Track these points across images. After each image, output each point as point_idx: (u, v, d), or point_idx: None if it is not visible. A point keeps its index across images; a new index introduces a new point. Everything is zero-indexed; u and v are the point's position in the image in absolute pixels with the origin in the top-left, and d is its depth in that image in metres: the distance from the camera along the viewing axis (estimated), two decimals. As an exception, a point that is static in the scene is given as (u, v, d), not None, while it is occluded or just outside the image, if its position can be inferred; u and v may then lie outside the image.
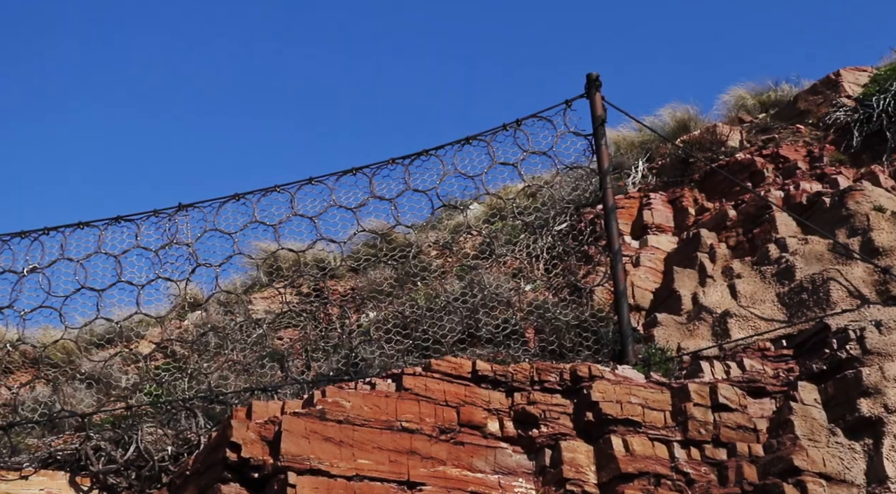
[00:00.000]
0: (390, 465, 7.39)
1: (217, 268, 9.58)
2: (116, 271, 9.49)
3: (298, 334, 10.62)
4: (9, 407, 9.41)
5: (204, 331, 9.91)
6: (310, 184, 9.60)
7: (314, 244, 9.69)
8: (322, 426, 7.45)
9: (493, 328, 9.11)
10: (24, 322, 9.41)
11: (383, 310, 9.93)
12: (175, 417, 9.14)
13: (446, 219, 12.46)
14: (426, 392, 7.82)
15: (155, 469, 8.68)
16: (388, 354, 9.20)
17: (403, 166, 9.51)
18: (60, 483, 8.63)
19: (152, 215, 9.64)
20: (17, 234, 9.56)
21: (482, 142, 9.44)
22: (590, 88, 9.21)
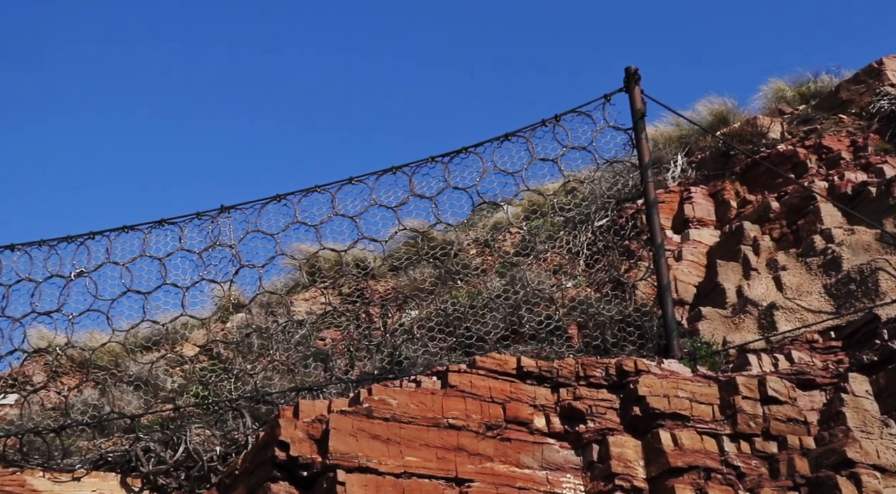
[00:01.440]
0: (438, 462, 7.40)
1: (260, 270, 9.65)
2: (161, 274, 9.59)
3: (340, 334, 10.66)
4: (59, 411, 9.53)
5: (248, 332, 9.97)
6: (350, 183, 9.63)
7: (355, 243, 9.71)
8: (369, 424, 7.47)
9: (536, 324, 9.09)
10: (72, 326, 9.52)
11: (425, 309, 9.93)
12: (222, 418, 9.21)
13: (485, 218, 12.47)
14: (472, 388, 7.83)
15: (204, 469, 8.74)
16: (431, 352, 9.21)
17: (443, 164, 9.52)
18: (112, 484, 8.72)
19: (195, 217, 9.72)
20: (63, 239, 9.67)
21: (521, 138, 9.42)
22: (629, 82, 9.16)
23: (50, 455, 8.87)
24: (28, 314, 9.51)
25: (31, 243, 9.64)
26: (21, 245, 9.63)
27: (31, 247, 9.65)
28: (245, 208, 9.69)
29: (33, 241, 9.65)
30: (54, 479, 8.65)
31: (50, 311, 9.49)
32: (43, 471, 8.70)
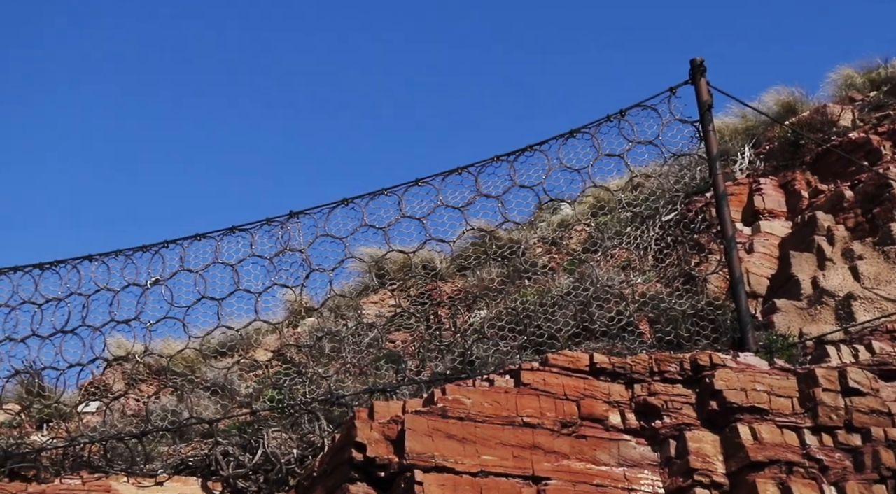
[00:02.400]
0: (514, 460, 7.41)
1: (330, 273, 9.75)
2: (234, 280, 9.73)
3: (410, 336, 10.72)
4: (139, 417, 9.74)
5: (320, 336, 10.08)
6: (417, 185, 9.69)
7: (423, 245, 9.77)
8: (444, 423, 7.51)
9: (607, 321, 9.05)
10: (149, 333, 9.72)
11: (494, 308, 9.95)
12: (297, 421, 9.33)
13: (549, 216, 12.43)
14: (545, 386, 7.82)
15: (282, 472, 8.86)
16: (502, 351, 9.22)
17: (508, 163, 9.52)
18: (193, 487, 8.88)
19: (265, 223, 9.86)
20: (138, 249, 9.88)
21: (586, 134, 9.38)
22: (694, 74, 9.07)
23: (133, 460, 9.06)
24: (107, 323, 9.73)
25: (108, 253, 9.87)
26: (99, 255, 9.86)
27: (108, 257, 9.87)
28: (314, 213, 9.80)
29: (110, 252, 9.88)
30: (138, 484, 8.83)
31: (128, 319, 9.70)
32: (127, 476, 8.90)
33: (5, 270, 9.87)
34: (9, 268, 9.89)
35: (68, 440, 9.30)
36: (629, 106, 9.21)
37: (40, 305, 9.80)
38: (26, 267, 9.90)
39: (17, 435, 9.48)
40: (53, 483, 8.80)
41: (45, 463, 9.08)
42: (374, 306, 12.20)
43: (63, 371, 9.65)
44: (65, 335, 9.70)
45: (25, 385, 10.21)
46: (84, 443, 9.23)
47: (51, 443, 9.33)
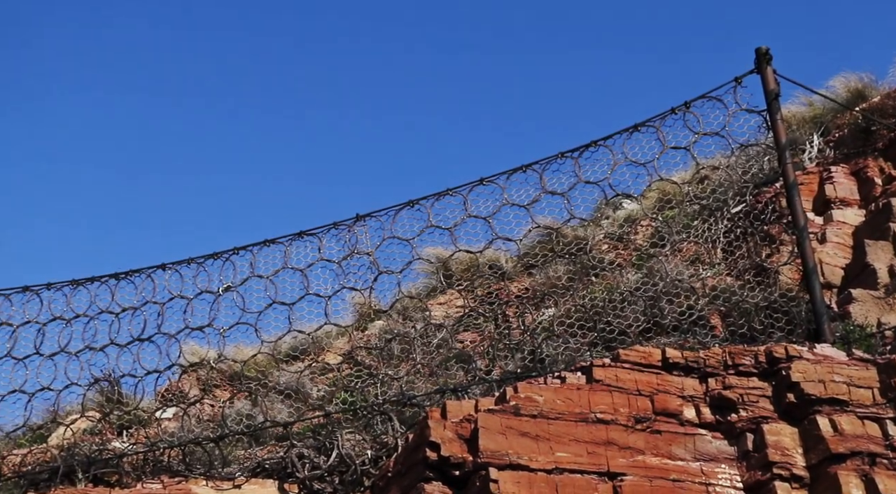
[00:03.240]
0: (589, 457, 7.38)
1: (398, 275, 9.81)
2: (304, 284, 9.85)
3: (478, 336, 10.73)
4: (215, 422, 9.90)
5: (390, 338, 10.15)
6: (481, 184, 9.71)
7: (490, 244, 9.78)
8: (517, 421, 7.51)
9: (678, 315, 8.96)
10: (223, 339, 9.88)
11: (562, 306, 9.91)
12: (370, 422, 9.40)
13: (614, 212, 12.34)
14: (617, 382, 7.78)
15: (357, 472, 8.94)
16: (572, 348, 9.18)
17: (573, 159, 9.49)
18: (270, 490, 9.01)
19: (332, 227, 9.96)
20: (210, 256, 10.06)
21: (651, 127, 9.31)
22: (760, 63, 8.95)
23: (211, 464, 9.22)
24: (182, 330, 9.92)
25: (181, 262, 10.06)
26: (171, 264, 10.06)
27: (180, 265, 10.07)
28: (380, 215, 9.88)
29: (182, 260, 10.08)
30: (216, 487, 8.99)
31: (202, 326, 9.88)
32: (205, 480, 9.06)
33: (83, 281, 10.13)
34: (86, 279, 10.14)
35: (148, 445, 9.49)
36: (694, 98, 9.14)
37: (117, 314, 10.03)
38: (103, 278, 10.14)
39: (99, 442, 9.70)
40: (135, 488, 9.00)
41: (127, 469, 9.29)
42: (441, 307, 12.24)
43: (141, 378, 9.87)
44: (141, 343, 9.92)
45: (105, 393, 10.45)
46: (163, 448, 9.41)
47: (131, 449, 9.53)
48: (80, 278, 10.13)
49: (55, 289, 10.17)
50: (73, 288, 10.17)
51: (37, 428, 10.16)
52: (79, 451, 9.40)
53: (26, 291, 10.21)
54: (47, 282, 10.18)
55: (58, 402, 9.90)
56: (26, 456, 9.57)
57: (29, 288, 10.20)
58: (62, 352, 9.94)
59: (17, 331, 10.05)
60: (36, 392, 9.81)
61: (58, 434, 10.11)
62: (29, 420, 9.89)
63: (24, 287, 10.20)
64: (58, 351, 9.95)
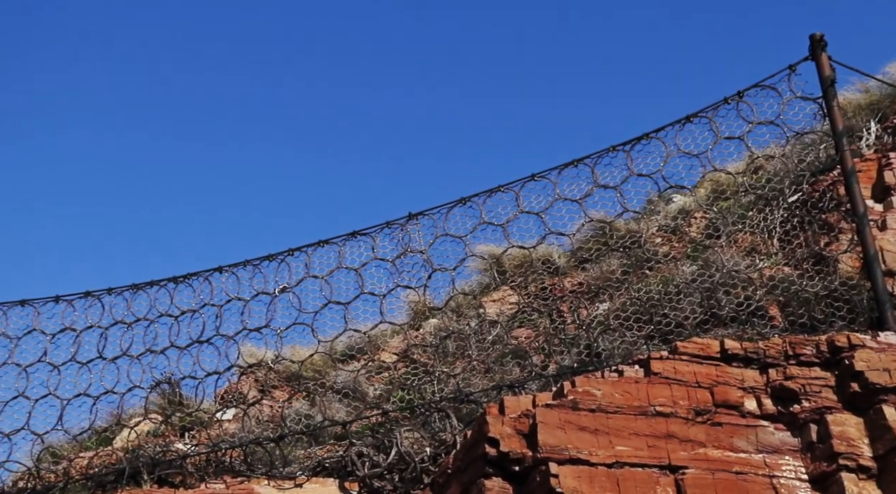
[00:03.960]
0: (649, 450, 7.33)
1: (452, 272, 9.84)
2: (358, 284, 9.92)
3: (533, 332, 10.72)
4: (274, 422, 10.00)
5: (445, 335, 10.17)
6: (533, 180, 9.71)
7: (543, 239, 9.77)
8: (576, 416, 7.49)
9: (736, 306, 8.87)
10: (280, 340, 9.99)
11: (617, 300, 9.86)
12: (428, 420, 9.44)
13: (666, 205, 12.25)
14: (676, 375, 7.72)
15: (416, 470, 8.98)
16: (629, 342, 9.14)
17: (625, 152, 9.45)
18: (331, 488, 9.09)
19: (385, 227, 10.03)
20: (265, 258, 10.18)
21: (704, 118, 9.23)
22: (814, 50, 8.82)
23: (272, 463, 9.33)
24: (240, 331, 10.06)
25: (237, 264, 10.20)
26: (228, 266, 10.20)
27: (237, 267, 10.20)
28: (432, 213, 9.92)
29: (238, 262, 10.21)
30: (278, 486, 9.09)
31: (259, 327, 10.00)
32: (267, 479, 9.17)
33: (143, 285, 10.31)
34: (146, 283, 10.32)
35: (210, 446, 9.63)
36: (747, 87, 9.04)
37: (177, 317, 10.20)
38: (162, 281, 10.32)
39: (163, 444, 9.86)
40: (199, 488, 9.14)
41: (190, 469, 9.43)
42: (494, 305, 12.25)
43: (201, 380, 10.02)
44: (200, 345, 10.07)
45: (166, 395, 10.62)
46: (225, 449, 9.54)
47: (194, 450, 9.68)
48: (139, 282, 10.33)
49: (116, 294, 10.37)
50: (133, 292, 10.36)
51: (102, 431, 10.35)
52: (143, 453, 9.57)
53: (88, 296, 10.42)
54: (108, 288, 10.39)
55: (121, 405, 10.09)
56: (93, 459, 9.76)
57: (90, 294, 10.41)
58: (124, 356, 10.13)
59: (81, 336, 10.27)
60: (100, 395, 10.02)
61: (122, 436, 10.29)
62: (94, 423, 10.10)
63: (85, 292, 10.41)
64: (120, 355, 10.14)
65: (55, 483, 9.62)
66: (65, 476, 9.64)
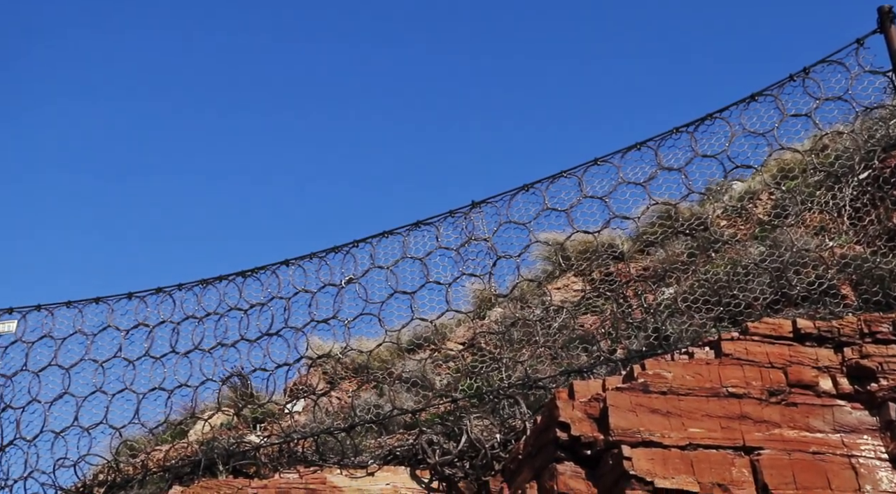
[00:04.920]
0: (723, 432, 7.26)
1: (517, 259, 9.86)
2: (423, 273, 9.98)
3: (598, 318, 10.67)
4: (343, 413, 10.10)
5: (511, 322, 10.18)
6: (596, 164, 9.67)
7: (607, 223, 9.73)
8: (647, 398, 7.45)
9: (807, 285, 8.73)
10: (348, 331, 10.09)
11: (684, 283, 9.77)
12: (497, 407, 9.45)
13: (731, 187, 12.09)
14: (748, 355, 7.64)
15: (487, 456, 9.01)
16: (697, 324, 9.06)
17: (689, 133, 9.35)
18: (403, 477, 9.16)
19: (448, 216, 10.07)
20: (331, 250, 10.28)
21: (769, 96, 9.10)
22: (883, 22, 8.65)
23: (343, 453, 9.42)
24: (308, 323, 10.19)
25: (303, 257, 10.33)
26: (294, 259, 10.32)
27: (303, 260, 10.32)
28: (495, 201, 9.94)
29: (304, 255, 10.34)
30: (350, 475, 9.18)
31: (327, 319, 10.11)
32: (339, 469, 9.26)
33: (212, 280, 10.48)
34: (215, 278, 10.50)
35: (282, 437, 9.76)
36: (814, 63, 8.89)
37: (246, 311, 10.35)
38: (230, 276, 10.48)
39: (236, 435, 10.02)
40: (273, 478, 9.27)
41: (263, 460, 9.58)
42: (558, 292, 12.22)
43: (271, 372, 10.16)
44: (270, 337, 10.21)
45: (237, 389, 10.78)
46: (297, 439, 9.66)
47: (266, 441, 9.82)
48: (209, 277, 10.50)
49: (186, 289, 10.56)
50: (203, 287, 10.54)
51: (177, 424, 10.55)
52: (218, 445, 9.73)
53: (159, 292, 10.63)
54: (178, 283, 10.59)
55: (195, 398, 10.27)
56: (169, 451, 9.96)
57: (162, 290, 10.61)
58: (196, 350, 10.31)
59: (154, 331, 10.48)
60: (174, 389, 10.21)
61: (196, 429, 10.48)
62: (169, 416, 10.30)
63: (157, 288, 10.62)
64: (192, 349, 10.33)
65: (134, 475, 9.83)
66: (143, 469, 9.84)
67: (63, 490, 9.97)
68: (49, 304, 10.72)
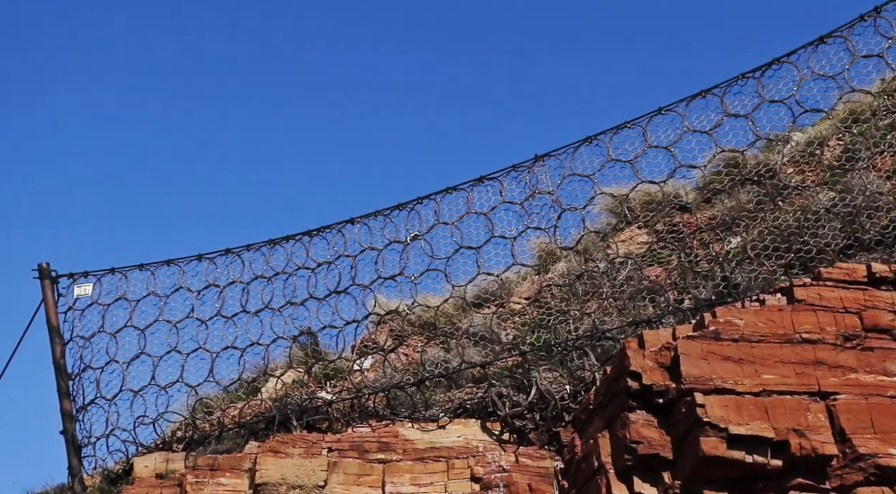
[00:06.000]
0: (797, 377, 7.21)
1: (582, 211, 9.82)
2: (488, 228, 9.99)
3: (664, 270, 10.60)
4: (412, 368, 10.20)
5: (578, 274, 10.16)
6: (660, 114, 9.56)
7: (673, 173, 9.63)
8: (718, 346, 7.42)
9: (881, 229, 8.58)
10: (415, 287, 10.17)
11: (753, 230, 9.65)
12: (564, 359, 9.48)
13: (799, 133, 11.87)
14: (821, 301, 7.57)
15: (557, 408, 9.05)
16: (767, 272, 8.96)
17: (755, 79, 9.19)
18: (474, 429, 9.25)
19: (512, 170, 10.05)
20: (395, 208, 10.33)
21: (839, 38, 8.89)
22: (958, -46, 8.38)
23: (414, 407, 9.54)
24: (375, 280, 10.28)
25: (368, 215, 10.39)
26: (360, 217, 10.40)
27: (368, 218, 10.39)
28: (559, 154, 9.89)
29: (369, 213, 10.40)
30: (422, 428, 9.30)
31: (394, 275, 10.19)
32: (411, 422, 9.39)
33: (279, 240, 10.62)
34: (281, 238, 10.63)
35: (353, 392, 9.90)
36: (886, 1, 8.64)
37: (313, 269, 10.48)
38: (297, 236, 10.61)
39: (309, 392, 10.19)
40: (346, 433, 9.43)
41: (336, 415, 9.73)
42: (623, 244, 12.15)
43: (340, 328, 10.29)
44: (338, 295, 10.33)
45: (307, 346, 10.94)
46: (368, 395, 9.80)
47: (338, 397, 9.97)
48: (276, 238, 10.63)
49: (254, 250, 10.71)
50: (271, 247, 10.68)
51: (250, 382, 10.75)
52: (290, 401, 9.91)
53: (228, 253, 10.79)
54: (247, 244, 10.74)
55: (267, 356, 10.46)
56: (244, 408, 10.17)
57: (230, 251, 10.78)
58: (266, 309, 10.47)
59: (224, 292, 10.66)
60: (246, 347, 10.40)
61: (268, 386, 10.67)
62: (242, 374, 10.50)
63: (225, 249, 10.79)
64: (262, 308, 10.49)
65: (210, 432, 10.06)
66: (219, 425, 10.07)
67: (143, 447, 10.25)
68: (122, 267, 10.97)
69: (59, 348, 10.76)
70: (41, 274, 10.95)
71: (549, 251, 11.15)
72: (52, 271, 10.97)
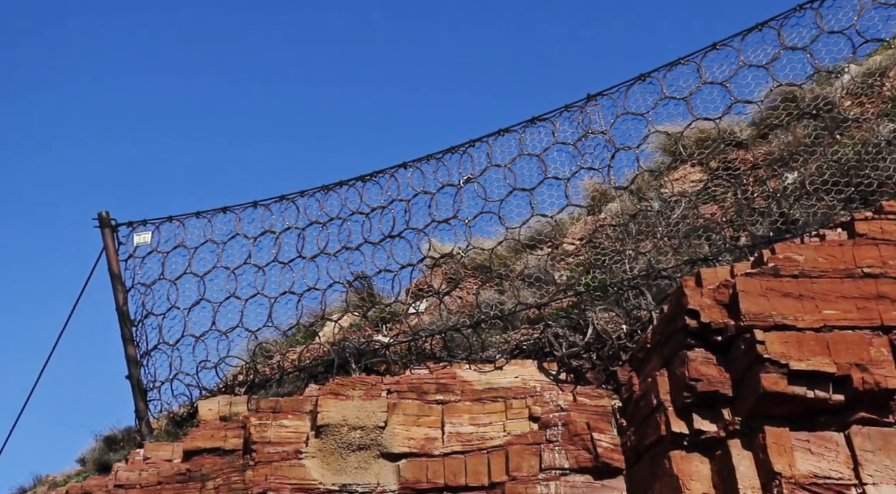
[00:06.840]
0: (859, 312, 7.15)
1: (636, 150, 9.73)
2: (541, 169, 9.96)
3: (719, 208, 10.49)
4: (466, 311, 10.27)
5: (633, 213, 10.10)
6: (714, 49, 9.38)
7: (729, 109, 9.48)
8: (778, 282, 7.37)
9: (945, 162, 8.40)
10: (469, 230, 10.19)
11: (812, 165, 9.49)
12: (621, 298, 9.47)
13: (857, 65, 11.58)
14: (883, 235, 7.47)
15: (614, 347, 9.07)
16: (826, 206, 8.83)
17: (813, 10, 8.97)
18: (531, 370, 9.31)
19: (564, 110, 9.96)
20: (447, 151, 10.32)
21: (901, -38, 8.63)
22: None
23: (470, 349, 9.62)
24: (429, 224, 10.31)
25: (421, 159, 10.40)
26: (412, 162, 10.42)
27: (420, 162, 10.40)
28: (611, 93, 9.78)
29: (422, 157, 10.40)
30: (479, 370, 9.38)
31: (447, 219, 10.22)
32: (468, 364, 9.47)
33: (333, 186, 10.68)
34: (335, 184, 10.68)
35: (410, 335, 10.00)
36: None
37: (367, 214, 10.54)
38: (350, 181, 10.65)
39: (366, 335, 10.32)
40: (405, 375, 9.55)
41: (394, 358, 9.86)
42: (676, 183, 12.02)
43: (396, 272, 10.37)
44: (392, 239, 10.39)
45: (363, 291, 11.05)
46: (425, 337, 9.89)
47: (395, 340, 10.09)
48: (329, 183, 10.69)
49: (308, 196, 10.79)
50: (325, 193, 10.75)
51: (308, 326, 10.90)
52: (348, 344, 10.05)
53: (283, 200, 10.88)
54: (301, 190, 10.81)
55: (324, 301, 10.59)
56: (302, 352, 10.34)
57: (285, 197, 10.87)
58: (322, 254, 10.58)
59: (280, 238, 10.78)
60: (304, 292, 10.54)
61: (326, 330, 10.82)
62: (301, 318, 10.65)
63: (280, 196, 10.88)
64: (318, 253, 10.60)
65: (271, 375, 10.25)
66: (279, 369, 10.26)
67: (206, 390, 10.49)
68: (180, 215, 11.12)
69: (122, 295, 10.99)
70: (101, 223, 11.15)
71: (602, 191, 11.09)
72: (111, 220, 11.16)
